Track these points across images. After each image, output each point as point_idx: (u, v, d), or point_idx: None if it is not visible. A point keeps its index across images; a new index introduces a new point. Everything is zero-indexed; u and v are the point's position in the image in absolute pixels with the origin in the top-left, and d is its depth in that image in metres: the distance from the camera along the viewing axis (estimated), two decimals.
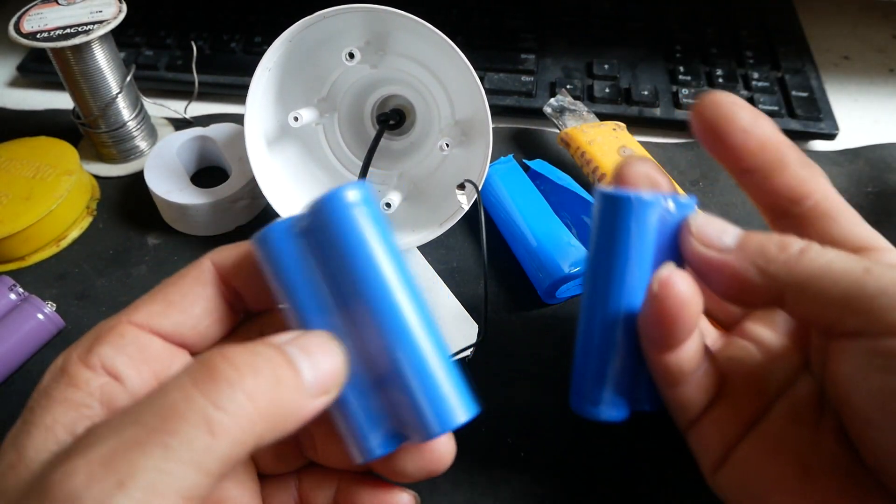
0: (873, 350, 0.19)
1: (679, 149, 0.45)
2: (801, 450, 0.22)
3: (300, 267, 0.20)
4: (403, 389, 0.19)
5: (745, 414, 0.23)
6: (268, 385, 0.17)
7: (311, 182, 0.40)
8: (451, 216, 0.36)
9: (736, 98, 0.23)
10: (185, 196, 0.39)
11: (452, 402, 0.19)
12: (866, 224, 0.23)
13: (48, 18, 0.39)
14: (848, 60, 0.53)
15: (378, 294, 0.19)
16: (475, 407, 0.20)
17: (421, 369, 0.19)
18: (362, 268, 0.19)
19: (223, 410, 0.16)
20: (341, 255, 0.19)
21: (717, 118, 0.23)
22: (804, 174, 0.23)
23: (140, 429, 0.16)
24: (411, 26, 0.34)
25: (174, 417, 0.16)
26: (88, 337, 0.21)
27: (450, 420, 0.19)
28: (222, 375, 0.17)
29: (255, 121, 0.37)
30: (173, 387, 0.17)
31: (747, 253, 0.21)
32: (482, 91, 0.34)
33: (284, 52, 0.36)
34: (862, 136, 0.46)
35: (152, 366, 0.20)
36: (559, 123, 0.43)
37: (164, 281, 0.22)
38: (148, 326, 0.21)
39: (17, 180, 0.40)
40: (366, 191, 0.20)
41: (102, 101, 0.42)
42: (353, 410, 0.20)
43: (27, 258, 0.39)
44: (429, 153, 0.40)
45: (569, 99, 0.44)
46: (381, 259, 0.19)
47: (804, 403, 0.23)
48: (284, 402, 0.18)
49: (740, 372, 0.24)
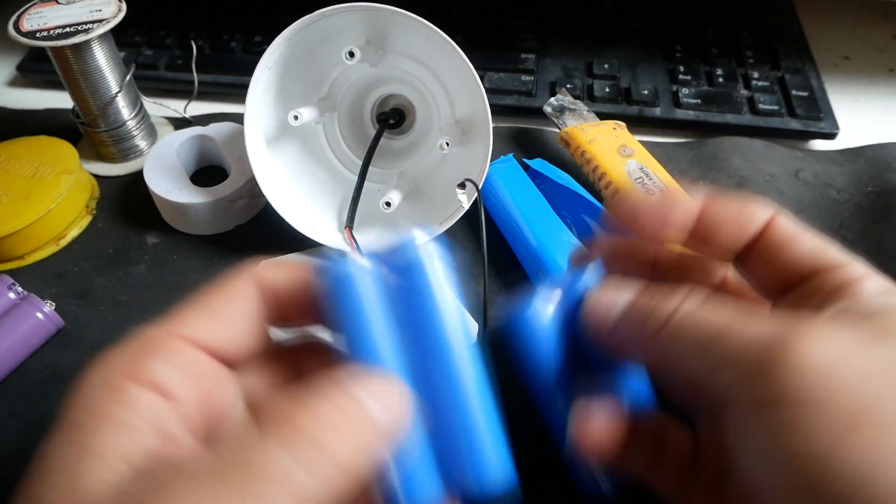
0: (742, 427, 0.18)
1: (679, 148, 0.45)
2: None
3: (373, 310, 0.20)
4: (458, 445, 0.19)
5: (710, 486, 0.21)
6: (348, 436, 0.17)
7: (311, 181, 0.40)
8: (450, 215, 0.36)
9: (632, 203, 0.23)
10: (184, 195, 0.39)
11: (498, 470, 0.19)
12: (816, 240, 0.21)
13: (48, 17, 0.39)
14: (848, 60, 0.53)
15: (454, 349, 0.20)
16: (515, 479, 0.20)
17: (476, 431, 0.19)
18: (445, 322, 0.20)
19: (306, 469, 0.16)
20: (428, 309, 0.20)
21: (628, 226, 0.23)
22: (736, 218, 0.22)
23: (222, 486, 0.15)
24: (412, 25, 0.34)
25: (257, 476, 0.15)
26: (131, 349, 0.19)
27: (493, 487, 0.19)
28: (303, 428, 0.16)
29: (255, 119, 0.37)
30: (252, 438, 0.16)
31: (627, 330, 0.20)
32: (482, 90, 0.34)
33: (284, 50, 0.36)
34: (862, 136, 0.46)
35: (201, 384, 0.19)
36: (559, 123, 0.43)
37: (207, 291, 0.21)
38: (195, 340, 0.19)
39: (17, 179, 0.40)
40: (439, 246, 0.20)
41: (102, 101, 0.42)
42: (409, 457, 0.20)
43: (27, 257, 0.39)
44: (428, 152, 0.40)
45: (569, 98, 0.44)
46: (456, 314, 0.20)
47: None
48: (364, 451, 0.17)
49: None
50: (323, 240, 0.37)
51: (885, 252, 0.38)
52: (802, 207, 0.41)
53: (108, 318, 0.36)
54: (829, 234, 0.39)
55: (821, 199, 0.41)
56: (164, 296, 0.37)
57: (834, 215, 0.40)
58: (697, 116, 0.46)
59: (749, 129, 0.45)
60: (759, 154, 0.43)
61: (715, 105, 0.46)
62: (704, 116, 0.46)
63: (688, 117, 0.46)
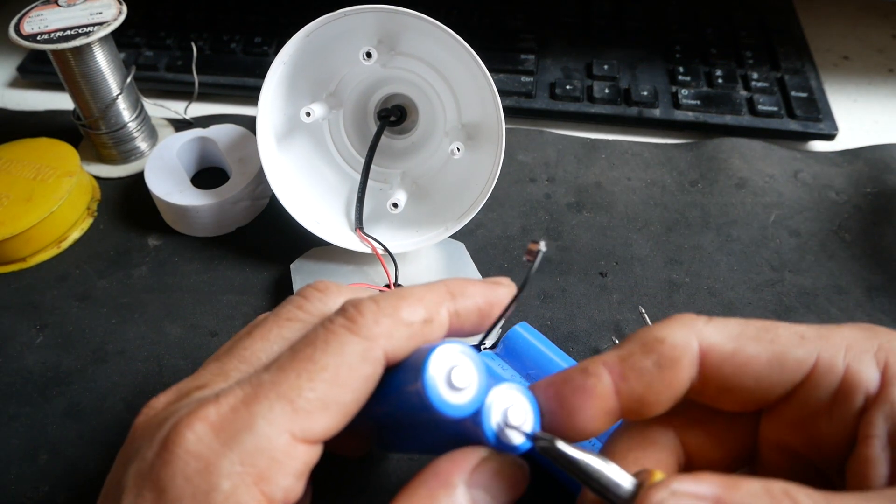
0: None
1: (678, 149, 0.45)
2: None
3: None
4: None
5: None
6: None
7: (316, 177, 0.40)
8: (457, 219, 0.37)
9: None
10: (185, 197, 0.39)
11: None
12: (764, 344, 0.20)
13: (49, 20, 0.39)
14: (847, 60, 0.53)
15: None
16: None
17: None
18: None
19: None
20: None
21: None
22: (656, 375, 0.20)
23: None
24: (426, 28, 0.34)
25: None
26: (249, 454, 0.18)
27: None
28: None
29: (267, 115, 0.37)
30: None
31: None
32: (497, 97, 0.34)
33: (299, 47, 0.36)
34: (861, 137, 0.46)
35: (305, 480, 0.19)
36: None
37: (319, 360, 0.19)
38: (305, 437, 0.18)
39: (18, 182, 0.40)
40: None
41: (103, 103, 0.42)
42: None
43: (28, 259, 0.39)
44: (432, 154, 0.40)
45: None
46: None
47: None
48: None
49: None
50: (327, 237, 0.38)
51: (884, 253, 0.38)
52: (801, 209, 0.41)
53: (110, 321, 0.36)
54: (828, 235, 0.39)
55: (820, 200, 0.41)
56: (165, 298, 0.37)
57: (833, 216, 0.40)
58: (697, 117, 0.46)
59: (748, 131, 0.45)
60: (759, 155, 0.44)
61: (714, 106, 0.46)
62: (704, 117, 0.46)
63: (687, 118, 0.46)
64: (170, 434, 0.18)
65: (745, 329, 0.20)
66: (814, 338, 0.19)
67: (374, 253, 0.37)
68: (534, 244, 0.21)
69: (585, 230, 0.40)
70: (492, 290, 0.22)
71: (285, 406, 0.18)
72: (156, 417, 0.20)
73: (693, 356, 0.20)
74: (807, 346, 0.19)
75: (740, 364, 0.19)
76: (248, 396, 0.18)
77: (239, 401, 0.18)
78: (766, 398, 0.20)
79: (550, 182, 0.43)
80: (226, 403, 0.18)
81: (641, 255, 0.39)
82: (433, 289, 0.21)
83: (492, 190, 0.36)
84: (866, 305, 0.36)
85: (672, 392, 0.20)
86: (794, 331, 0.20)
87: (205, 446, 0.18)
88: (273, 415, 0.18)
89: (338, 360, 0.19)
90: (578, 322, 0.36)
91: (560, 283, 0.37)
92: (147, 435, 0.19)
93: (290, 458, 0.18)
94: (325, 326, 0.20)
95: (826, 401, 0.19)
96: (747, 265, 0.38)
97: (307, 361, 0.19)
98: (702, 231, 0.40)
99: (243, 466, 0.17)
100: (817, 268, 0.38)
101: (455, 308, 0.21)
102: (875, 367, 0.19)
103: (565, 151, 0.45)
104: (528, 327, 0.32)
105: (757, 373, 0.19)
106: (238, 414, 0.18)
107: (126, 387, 0.34)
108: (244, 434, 0.18)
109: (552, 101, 0.47)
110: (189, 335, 0.36)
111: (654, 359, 0.20)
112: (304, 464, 0.19)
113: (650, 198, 0.42)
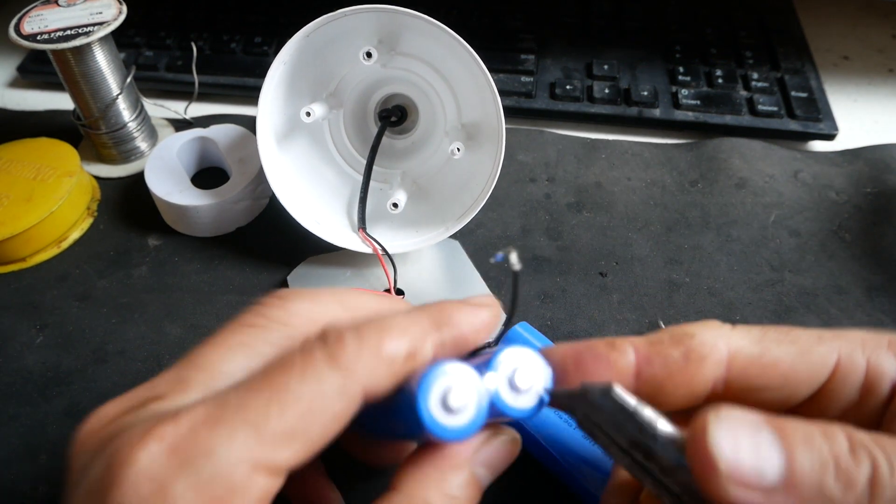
0: None
1: (678, 149, 0.45)
2: None
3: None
4: None
5: None
6: None
7: (316, 178, 0.40)
8: (457, 219, 0.37)
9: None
10: (185, 197, 0.39)
11: None
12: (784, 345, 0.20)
13: (49, 20, 0.39)
14: (847, 60, 0.53)
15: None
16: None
17: None
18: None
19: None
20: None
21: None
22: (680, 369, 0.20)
23: None
24: (426, 28, 0.34)
25: None
26: (205, 480, 0.17)
27: None
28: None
29: (267, 115, 0.37)
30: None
31: (802, 494, 0.16)
32: (497, 97, 0.34)
33: (300, 47, 0.36)
34: (861, 137, 0.46)
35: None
36: None
37: (294, 389, 0.18)
38: (268, 468, 0.17)
39: (18, 182, 0.40)
40: None
41: (103, 103, 0.42)
42: None
43: (28, 259, 0.39)
44: (432, 154, 0.40)
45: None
46: None
47: None
48: None
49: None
50: (327, 237, 0.38)
51: (884, 253, 0.38)
52: (801, 209, 0.41)
53: (110, 321, 0.36)
54: (828, 235, 0.39)
55: (820, 200, 0.41)
56: (165, 298, 0.37)
57: (833, 216, 0.40)
58: (697, 117, 0.46)
59: (748, 131, 0.45)
60: (759, 155, 0.44)
61: (714, 106, 0.46)
62: (704, 117, 0.46)
63: (687, 118, 0.46)
64: (121, 452, 0.17)
65: (766, 333, 0.20)
66: (831, 337, 0.20)
67: (375, 254, 0.37)
68: (510, 257, 0.20)
69: (585, 230, 0.40)
70: (476, 316, 0.21)
71: (249, 433, 0.17)
72: (105, 430, 0.19)
73: (720, 357, 0.20)
74: (827, 344, 0.20)
75: (767, 365, 0.20)
76: (211, 418, 0.17)
77: (199, 421, 0.17)
78: (792, 399, 0.20)
79: (550, 182, 0.43)
80: (185, 423, 0.17)
81: (641, 255, 0.39)
82: (417, 319, 0.20)
83: (492, 190, 0.36)
84: (866, 305, 0.36)
85: (691, 389, 0.20)
86: (812, 332, 0.20)
87: (159, 468, 0.16)
88: (235, 441, 0.17)
89: (313, 392, 0.18)
90: (578, 322, 0.36)
91: (560, 283, 0.37)
92: (96, 449, 0.18)
93: (248, 488, 0.17)
94: (304, 354, 0.19)
95: (854, 396, 0.20)
96: (747, 265, 0.38)
97: (280, 389, 0.18)
98: (702, 231, 0.40)
99: (198, 493, 0.16)
100: (817, 268, 0.38)
101: (440, 339, 0.20)
102: (893, 358, 0.20)
103: (565, 151, 0.45)
104: (529, 327, 0.32)
105: (784, 373, 0.20)
106: (198, 436, 0.17)
107: (126, 387, 0.33)
108: (202, 459, 0.16)
109: (552, 101, 0.47)
110: (189, 335, 0.36)
111: (683, 350, 0.20)
112: (265, 492, 0.17)
113: (650, 198, 0.42)
